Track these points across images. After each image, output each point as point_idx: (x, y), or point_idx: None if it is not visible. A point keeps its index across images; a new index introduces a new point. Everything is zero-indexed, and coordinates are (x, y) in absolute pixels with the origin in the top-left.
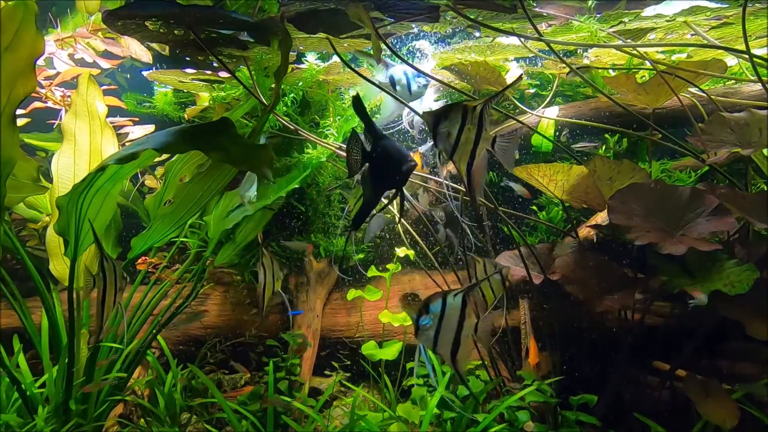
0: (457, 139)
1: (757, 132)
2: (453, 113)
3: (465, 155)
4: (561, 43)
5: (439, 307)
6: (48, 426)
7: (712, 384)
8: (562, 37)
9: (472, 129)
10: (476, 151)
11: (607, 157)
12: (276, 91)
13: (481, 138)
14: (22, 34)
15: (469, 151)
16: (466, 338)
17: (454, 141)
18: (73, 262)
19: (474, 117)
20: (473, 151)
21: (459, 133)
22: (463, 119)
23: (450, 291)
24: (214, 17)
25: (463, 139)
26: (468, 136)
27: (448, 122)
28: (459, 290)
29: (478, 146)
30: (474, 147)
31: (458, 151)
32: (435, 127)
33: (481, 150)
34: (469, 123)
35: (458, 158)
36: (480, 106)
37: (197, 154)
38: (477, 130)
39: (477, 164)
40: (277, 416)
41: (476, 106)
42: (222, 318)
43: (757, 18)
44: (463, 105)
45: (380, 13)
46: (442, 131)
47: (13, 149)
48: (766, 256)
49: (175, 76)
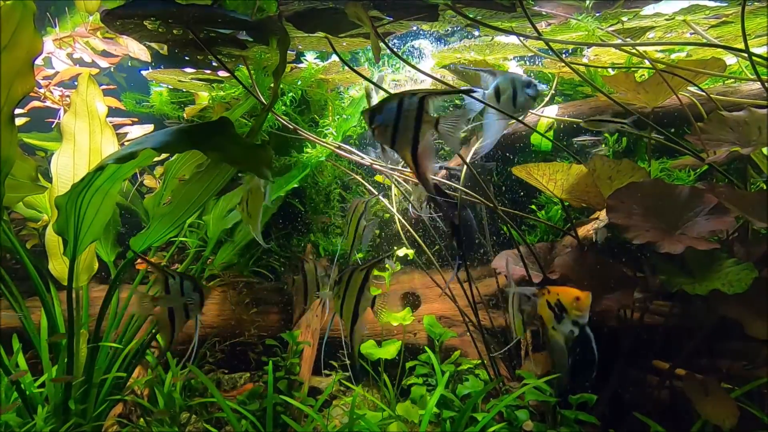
0: (395, 127)
1: (757, 131)
2: (388, 104)
3: (406, 142)
4: (560, 42)
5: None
6: (47, 425)
7: (711, 383)
8: (561, 36)
9: (410, 115)
10: (419, 135)
11: (606, 156)
12: (275, 90)
13: (423, 121)
14: (21, 33)
15: (411, 138)
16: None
17: (391, 131)
18: (72, 262)
19: (412, 103)
20: (415, 136)
21: (396, 121)
22: (399, 108)
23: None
24: (212, 16)
25: (402, 126)
26: (406, 123)
27: (383, 114)
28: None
29: (420, 130)
30: (416, 132)
31: (398, 140)
32: (371, 123)
33: (425, 134)
34: (406, 110)
35: (399, 146)
36: (420, 94)
37: (196, 154)
38: (417, 115)
39: (423, 147)
40: (277, 416)
41: (415, 93)
42: (222, 318)
43: (756, 16)
44: (399, 94)
45: (379, 12)
46: (379, 124)
47: (12, 148)
48: (765, 255)
49: (174, 75)
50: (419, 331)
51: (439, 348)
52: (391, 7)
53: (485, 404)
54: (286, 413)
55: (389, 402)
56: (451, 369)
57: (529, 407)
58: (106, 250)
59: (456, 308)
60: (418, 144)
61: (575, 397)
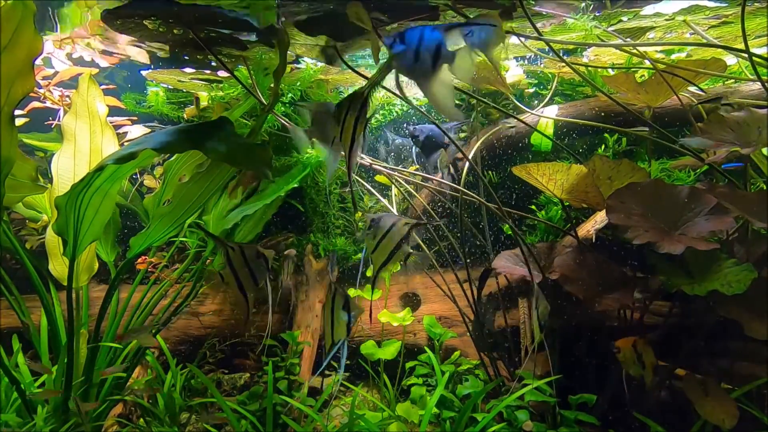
0: (342, 124)
1: (756, 131)
2: (343, 102)
3: (347, 136)
4: (560, 42)
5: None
6: (47, 426)
7: (711, 383)
8: (561, 36)
9: (353, 114)
10: (356, 132)
11: (606, 156)
12: (275, 90)
13: (359, 121)
14: (21, 33)
15: (350, 133)
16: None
17: (341, 126)
18: (72, 262)
19: (356, 101)
20: (353, 132)
21: (344, 119)
22: (349, 106)
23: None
24: (213, 17)
25: (347, 123)
26: (350, 120)
27: (337, 111)
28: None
29: (357, 130)
30: (354, 129)
31: (343, 134)
32: (332, 116)
33: (360, 132)
34: (351, 110)
35: (344, 140)
36: (366, 91)
37: (196, 154)
38: (357, 114)
39: (355, 145)
40: (277, 416)
41: (363, 91)
42: (222, 318)
43: (756, 17)
44: (353, 94)
45: (380, 13)
46: (334, 118)
47: (12, 149)
48: (764, 255)
49: (174, 75)
50: (419, 332)
51: (439, 348)
52: (391, 9)
53: (485, 404)
54: (285, 413)
55: (389, 402)
56: (451, 369)
57: (529, 407)
58: (106, 250)
59: (456, 308)
60: (355, 140)
61: (575, 398)
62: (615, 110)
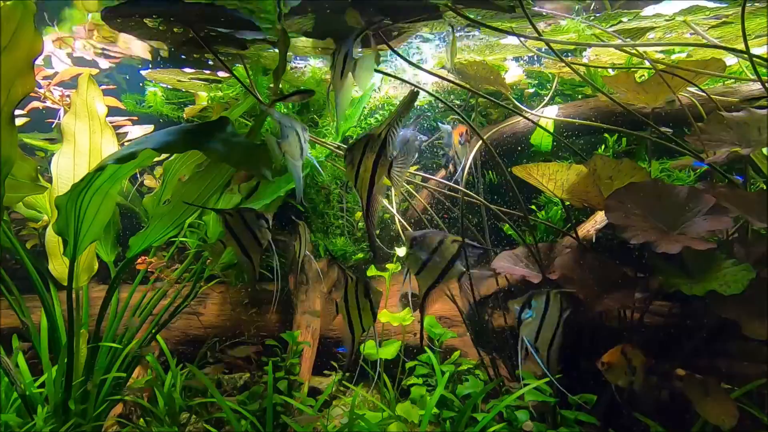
0: (357, 168)
1: (756, 131)
2: (357, 144)
3: (365, 182)
4: (560, 42)
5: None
6: (47, 426)
7: (711, 383)
8: (560, 37)
9: (371, 157)
10: (374, 178)
11: (607, 156)
12: (274, 90)
13: (379, 165)
14: (21, 33)
15: (369, 179)
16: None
17: (355, 170)
18: (72, 262)
19: (374, 144)
20: (372, 178)
21: (359, 162)
22: (364, 149)
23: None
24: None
25: (362, 168)
26: (366, 164)
27: (351, 155)
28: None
29: (377, 173)
30: (372, 173)
31: (359, 179)
32: (345, 159)
33: (380, 177)
34: (369, 151)
35: (359, 186)
36: (383, 131)
37: (196, 154)
38: (376, 158)
39: (377, 191)
40: (276, 415)
41: (380, 133)
42: (221, 318)
43: (756, 17)
44: (368, 134)
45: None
46: (348, 162)
47: (12, 149)
48: (764, 255)
49: (173, 75)
50: (419, 332)
51: (439, 348)
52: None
53: (485, 404)
54: (285, 413)
55: (389, 402)
56: (451, 369)
57: (529, 407)
58: (106, 250)
59: (456, 308)
60: (373, 187)
61: (575, 397)
62: (615, 110)
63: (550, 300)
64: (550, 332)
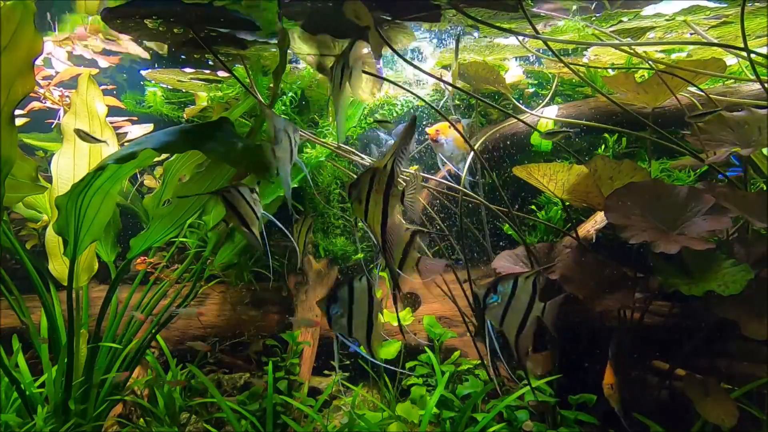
0: (367, 202)
1: (756, 131)
2: (362, 179)
3: (376, 217)
4: (560, 42)
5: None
6: (47, 426)
7: (711, 383)
8: (560, 36)
9: (379, 191)
10: (387, 210)
11: (607, 157)
12: (274, 90)
13: (390, 195)
14: (21, 33)
15: (380, 212)
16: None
17: (364, 206)
18: (72, 262)
19: (382, 177)
20: (384, 210)
21: (368, 197)
22: (371, 183)
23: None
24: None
25: (372, 202)
26: (376, 198)
27: (357, 190)
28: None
29: (389, 204)
30: (384, 206)
31: (369, 214)
32: (349, 196)
33: (393, 208)
34: (376, 185)
35: (371, 221)
36: (389, 163)
37: (196, 154)
38: (385, 190)
39: (391, 223)
40: (276, 416)
41: (385, 164)
42: (221, 318)
43: (756, 17)
44: (372, 169)
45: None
46: (354, 199)
47: (12, 149)
48: (764, 255)
49: (173, 75)
50: (419, 332)
51: (439, 348)
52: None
53: (485, 404)
54: (286, 413)
55: (389, 402)
56: (451, 369)
57: (529, 407)
58: (106, 250)
59: (456, 308)
60: (386, 219)
61: (575, 398)
62: (615, 110)
63: (518, 284)
64: (518, 317)
